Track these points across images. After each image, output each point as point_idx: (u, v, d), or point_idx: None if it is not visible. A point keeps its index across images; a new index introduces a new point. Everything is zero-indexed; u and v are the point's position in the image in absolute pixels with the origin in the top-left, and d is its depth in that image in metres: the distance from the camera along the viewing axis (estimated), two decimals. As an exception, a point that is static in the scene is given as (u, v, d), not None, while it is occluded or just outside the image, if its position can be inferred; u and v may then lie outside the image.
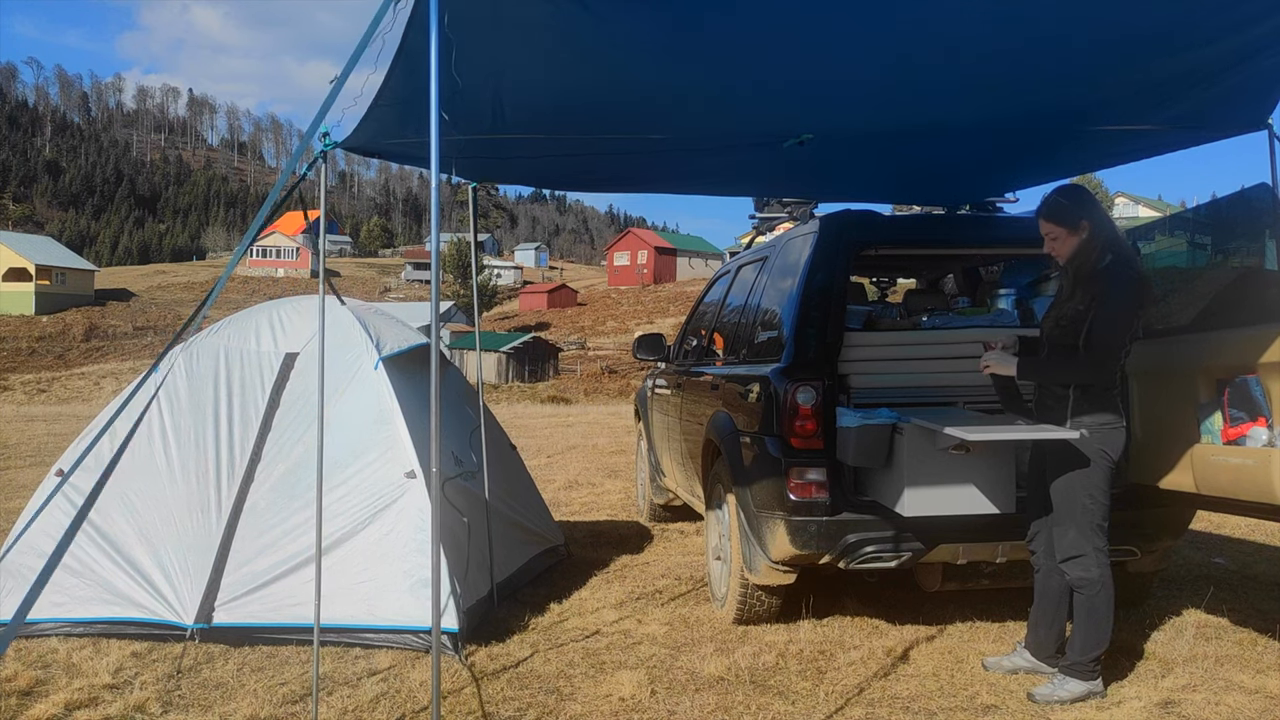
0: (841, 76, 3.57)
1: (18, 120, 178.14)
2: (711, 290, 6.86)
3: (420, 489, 4.47)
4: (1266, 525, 7.01)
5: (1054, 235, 3.79)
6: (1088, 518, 3.70)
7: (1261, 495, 3.47)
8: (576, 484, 10.22)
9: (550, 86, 3.58)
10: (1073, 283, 3.77)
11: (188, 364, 4.91)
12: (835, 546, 4.27)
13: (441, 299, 3.10)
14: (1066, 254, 3.78)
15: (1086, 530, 3.70)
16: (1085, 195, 3.86)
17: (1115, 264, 3.68)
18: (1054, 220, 3.78)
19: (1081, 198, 3.83)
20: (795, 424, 4.29)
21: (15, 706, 3.73)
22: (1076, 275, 3.76)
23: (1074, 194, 3.87)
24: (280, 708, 3.75)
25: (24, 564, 4.44)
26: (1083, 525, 3.71)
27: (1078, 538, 3.72)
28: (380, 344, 4.96)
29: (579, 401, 38.06)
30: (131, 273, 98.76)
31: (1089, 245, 3.72)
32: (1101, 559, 3.72)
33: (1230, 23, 3.16)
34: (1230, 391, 3.68)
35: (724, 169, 4.95)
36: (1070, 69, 3.52)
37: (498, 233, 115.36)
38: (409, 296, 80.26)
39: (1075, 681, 3.76)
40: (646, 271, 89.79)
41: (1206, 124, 4.09)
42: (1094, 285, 3.67)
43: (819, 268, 4.57)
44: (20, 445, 14.98)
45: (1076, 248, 3.75)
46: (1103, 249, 3.71)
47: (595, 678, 4.09)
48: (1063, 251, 3.79)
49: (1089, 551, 3.71)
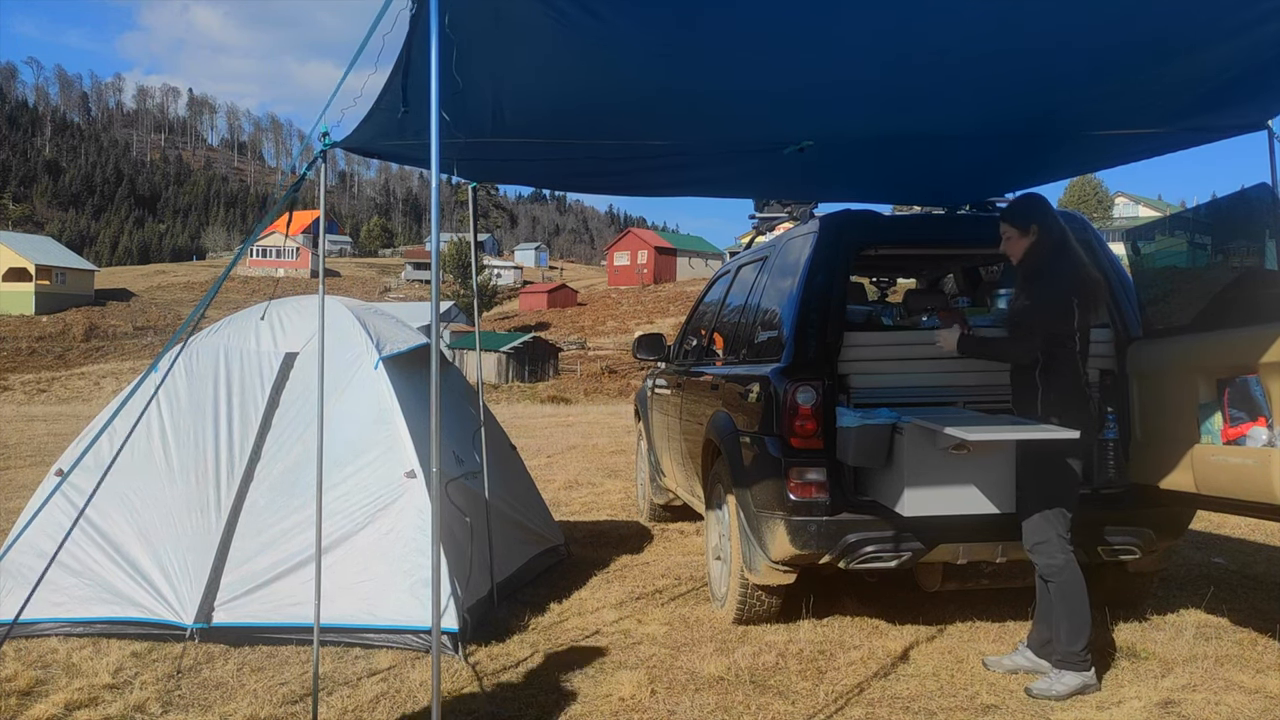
0: (841, 81, 3.57)
1: (18, 120, 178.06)
2: (711, 290, 6.86)
3: (420, 489, 4.47)
4: (1266, 525, 7.01)
5: (1008, 235, 4.10)
6: (1051, 505, 3.84)
7: (1261, 495, 3.47)
8: (576, 484, 10.22)
9: (549, 90, 3.57)
10: (1021, 280, 4.11)
11: (188, 364, 4.91)
12: (835, 546, 4.27)
13: (441, 299, 3.10)
14: (1018, 254, 4.08)
15: (1050, 516, 3.84)
16: (1038, 203, 4.14)
17: (1055, 264, 3.95)
18: (1009, 222, 4.10)
19: (1035, 205, 4.13)
20: (795, 424, 4.29)
21: (15, 706, 3.73)
22: (1024, 274, 4.08)
23: (1028, 200, 4.19)
24: (280, 708, 3.75)
25: (24, 564, 4.44)
26: (1045, 512, 3.84)
27: (1040, 522, 3.85)
28: (380, 344, 4.96)
29: (579, 401, 38.06)
30: (131, 273, 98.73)
31: (1036, 248, 4.00)
32: (1064, 545, 3.85)
33: (1230, 25, 3.16)
34: (1230, 391, 3.68)
35: (724, 175, 4.95)
36: (1070, 71, 3.52)
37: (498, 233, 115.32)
38: (409, 296, 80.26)
39: (1070, 674, 3.81)
40: (646, 271, 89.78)
41: (1206, 124, 4.10)
42: (1034, 282, 3.99)
43: (819, 268, 4.57)
44: (20, 445, 14.98)
45: (1026, 249, 4.03)
46: (1050, 252, 3.98)
47: (595, 678, 4.09)
48: (1015, 251, 4.09)
49: (1052, 537, 3.83)
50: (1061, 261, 3.95)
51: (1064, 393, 3.87)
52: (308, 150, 3.42)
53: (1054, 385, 3.88)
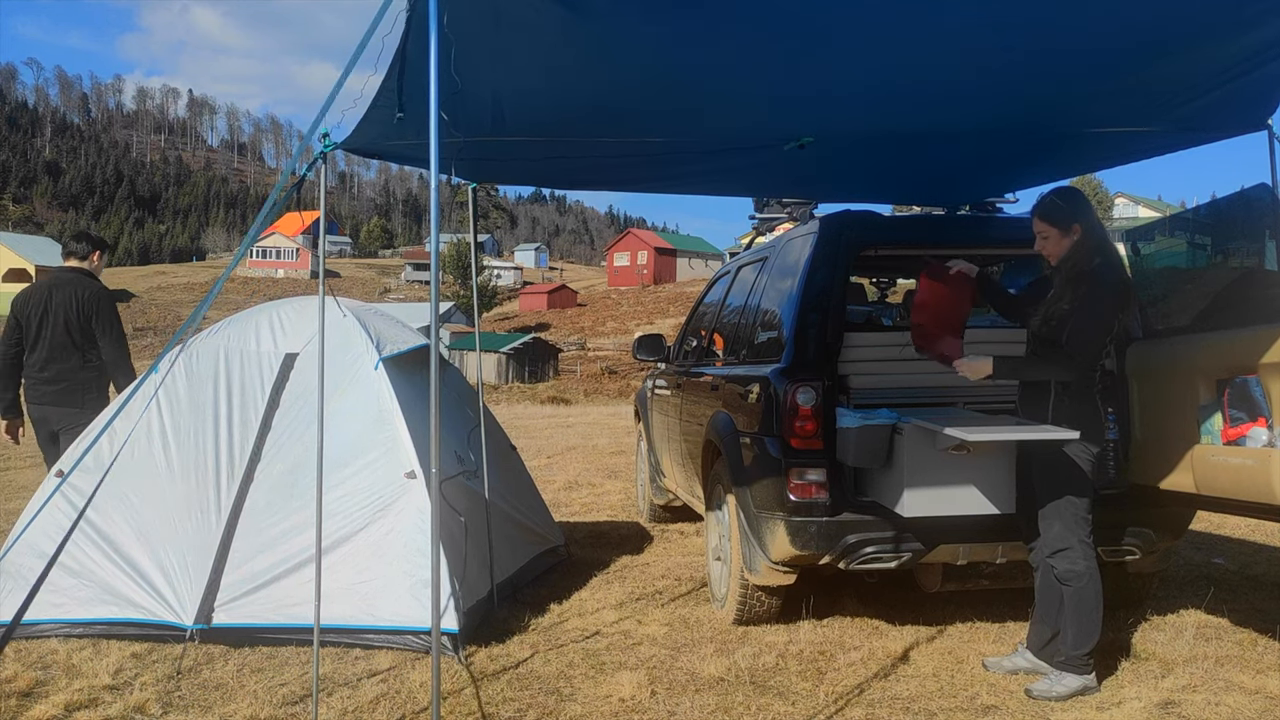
0: (842, 79, 3.57)
1: (18, 121, 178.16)
2: (711, 291, 6.86)
3: (420, 489, 4.46)
4: (1266, 525, 7.01)
5: (1046, 235, 3.89)
6: (1072, 510, 3.78)
7: (1261, 495, 3.47)
8: (576, 484, 10.21)
9: (550, 87, 3.57)
10: (1063, 283, 3.86)
11: (187, 364, 4.91)
12: (835, 547, 4.27)
13: (441, 299, 3.10)
14: (1058, 255, 3.88)
15: (1071, 523, 3.78)
16: (1080, 198, 3.93)
17: (1103, 267, 3.77)
18: (1048, 221, 3.87)
19: (1076, 200, 3.91)
20: (795, 424, 4.29)
21: (15, 707, 3.73)
22: (1066, 276, 3.84)
23: (1069, 196, 3.95)
24: (280, 708, 3.75)
25: (24, 565, 4.43)
26: (1067, 518, 3.78)
27: (1063, 530, 3.79)
28: (380, 344, 4.96)
29: (579, 402, 38.04)
30: (131, 273, 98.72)
31: (1080, 247, 3.82)
32: (1087, 551, 3.80)
33: (1231, 25, 3.16)
34: (1230, 391, 3.68)
35: (724, 171, 4.95)
36: (1070, 71, 3.52)
37: (497, 233, 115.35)
38: (409, 297, 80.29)
39: (1071, 676, 3.80)
40: (646, 272, 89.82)
41: (1206, 125, 4.09)
42: (1081, 286, 3.76)
43: (819, 268, 4.57)
44: (20, 446, 14.94)
45: (1068, 249, 3.84)
46: (1091, 252, 3.81)
47: (595, 678, 4.09)
48: (1054, 252, 3.89)
49: (1074, 544, 3.78)
50: (1109, 266, 3.77)
51: (1077, 401, 3.75)
52: (307, 151, 3.42)
53: (1069, 392, 3.75)
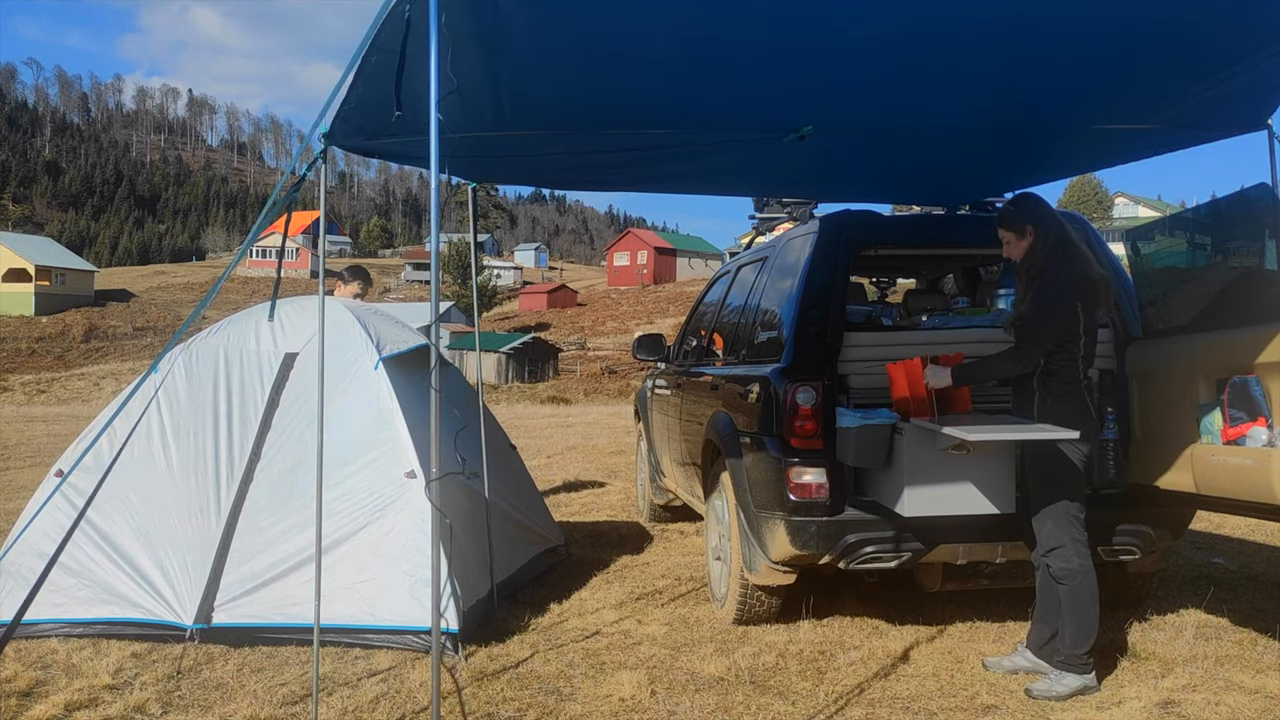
0: (842, 70, 3.58)
1: (17, 121, 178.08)
2: (711, 290, 6.86)
3: (420, 489, 4.46)
4: (1266, 525, 7.01)
5: (1006, 240, 4.04)
6: (1063, 508, 3.81)
7: (1261, 495, 3.47)
8: (576, 484, 10.22)
9: (549, 84, 3.58)
10: (1023, 284, 4.02)
11: (187, 364, 4.91)
12: (835, 547, 4.27)
13: (441, 299, 3.10)
14: (1018, 256, 4.01)
15: (1062, 521, 3.81)
16: (1031, 201, 4.07)
17: (1057, 264, 3.87)
18: (1004, 226, 4.03)
19: (1027, 204, 4.06)
20: (795, 424, 4.29)
21: (15, 707, 3.73)
22: (1025, 277, 4.00)
23: (1020, 200, 4.12)
24: (280, 708, 3.75)
25: (24, 564, 4.44)
26: (1058, 516, 3.81)
27: (1054, 529, 3.82)
28: (380, 344, 4.96)
29: (579, 402, 38.05)
30: (131, 273, 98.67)
31: (1035, 248, 3.94)
32: (1081, 549, 3.82)
33: (1231, 24, 3.16)
34: (1230, 391, 3.68)
35: (724, 167, 4.95)
36: (1071, 68, 3.52)
37: (497, 233, 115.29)
38: (409, 297, 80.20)
39: (1071, 676, 3.80)
40: (646, 272, 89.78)
41: (1206, 124, 4.10)
42: (1035, 284, 3.91)
43: (819, 268, 4.57)
44: (20, 446, 14.97)
45: (1025, 251, 3.97)
46: (1049, 252, 3.89)
47: (595, 678, 4.09)
48: (1015, 254, 4.02)
49: (1067, 542, 3.80)
50: (1063, 261, 3.86)
51: (1061, 398, 3.81)
52: (307, 151, 3.42)
53: (1051, 390, 3.83)
